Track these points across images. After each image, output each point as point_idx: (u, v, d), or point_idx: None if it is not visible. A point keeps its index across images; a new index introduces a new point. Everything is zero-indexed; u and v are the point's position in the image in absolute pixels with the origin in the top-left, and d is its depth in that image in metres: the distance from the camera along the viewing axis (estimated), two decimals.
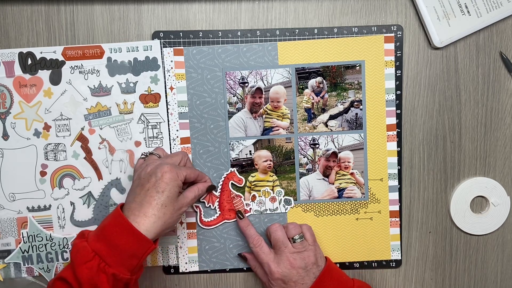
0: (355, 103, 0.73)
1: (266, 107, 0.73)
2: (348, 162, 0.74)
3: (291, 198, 0.74)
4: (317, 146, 0.74)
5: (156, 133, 0.73)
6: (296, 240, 0.68)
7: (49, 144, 0.72)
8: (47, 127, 0.72)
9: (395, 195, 0.74)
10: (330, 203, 0.74)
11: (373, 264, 0.76)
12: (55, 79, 0.72)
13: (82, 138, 0.73)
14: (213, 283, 0.76)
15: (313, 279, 0.66)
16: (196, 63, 0.72)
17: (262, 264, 0.69)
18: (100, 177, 0.73)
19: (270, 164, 0.74)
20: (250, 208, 0.74)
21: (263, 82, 0.73)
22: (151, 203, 0.61)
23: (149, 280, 0.75)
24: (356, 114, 0.73)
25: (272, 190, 0.74)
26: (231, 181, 0.74)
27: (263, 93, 0.73)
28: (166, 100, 0.73)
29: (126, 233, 0.59)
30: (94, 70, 0.72)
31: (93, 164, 0.73)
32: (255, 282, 0.76)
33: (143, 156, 0.70)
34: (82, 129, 0.72)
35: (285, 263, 0.66)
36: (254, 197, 0.74)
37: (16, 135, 0.72)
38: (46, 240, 0.74)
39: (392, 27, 0.72)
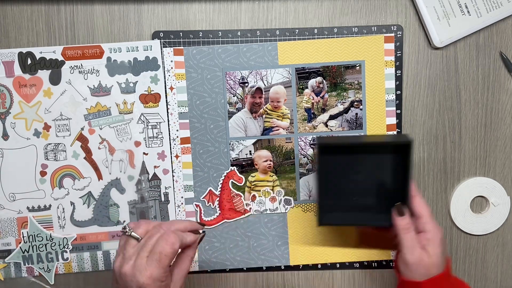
0: (355, 103, 0.73)
1: (266, 107, 0.73)
2: None
3: (291, 198, 0.74)
4: None
5: (156, 133, 0.73)
6: None
7: (49, 144, 0.72)
8: (47, 127, 0.72)
9: None
10: None
11: (373, 264, 0.76)
12: (55, 79, 0.72)
13: (82, 138, 0.73)
14: (213, 283, 0.76)
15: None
16: (196, 63, 0.72)
17: None
18: (100, 177, 0.73)
19: (270, 164, 0.74)
20: (250, 208, 0.74)
21: (263, 82, 0.73)
22: None
23: None
24: (356, 114, 0.73)
25: (272, 190, 0.74)
26: (231, 180, 0.74)
27: (263, 93, 0.73)
28: (166, 100, 0.73)
29: None
30: (93, 70, 0.71)
31: (93, 164, 0.73)
32: (255, 282, 0.76)
33: (125, 231, 0.56)
34: (82, 129, 0.72)
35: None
36: (254, 197, 0.74)
37: (16, 135, 0.72)
38: (46, 240, 0.74)
39: (392, 27, 0.72)
